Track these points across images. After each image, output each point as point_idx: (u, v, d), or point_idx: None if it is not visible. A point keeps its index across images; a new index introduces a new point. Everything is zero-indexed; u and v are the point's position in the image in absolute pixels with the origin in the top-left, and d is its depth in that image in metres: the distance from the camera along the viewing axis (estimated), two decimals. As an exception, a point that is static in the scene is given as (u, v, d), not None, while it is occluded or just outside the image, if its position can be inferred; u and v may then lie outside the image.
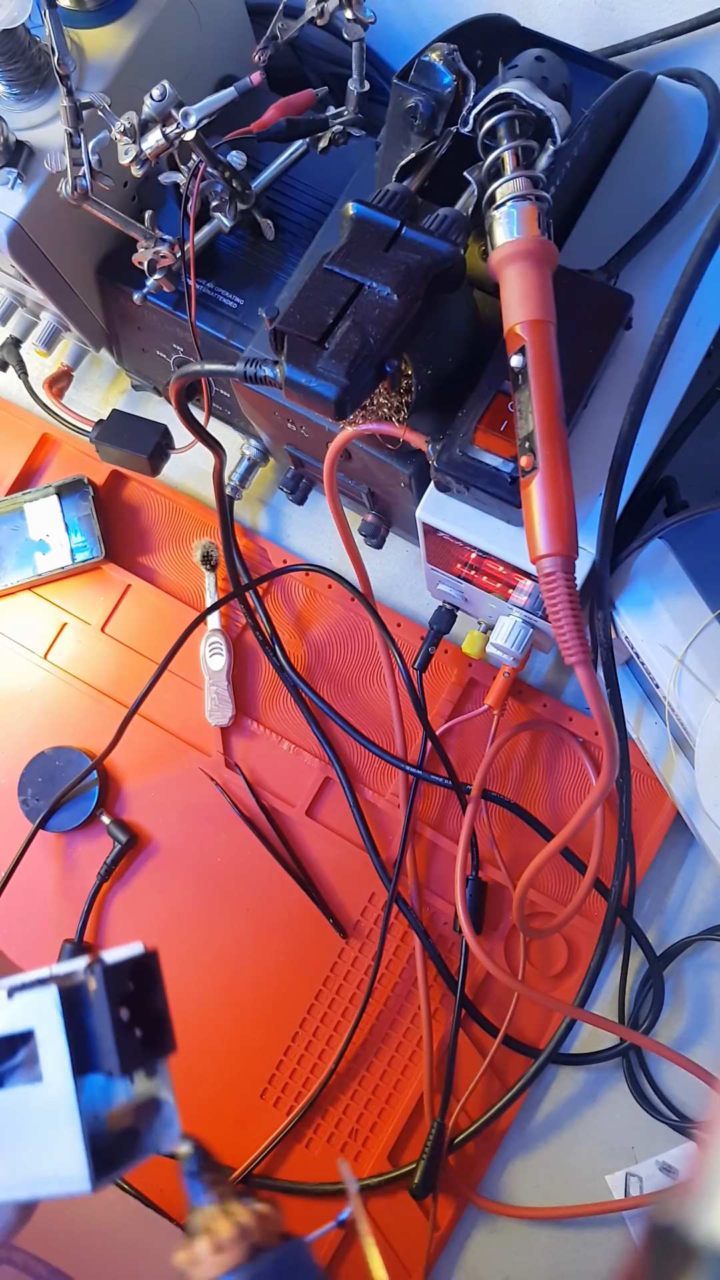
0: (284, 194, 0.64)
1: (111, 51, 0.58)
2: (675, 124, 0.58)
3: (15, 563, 0.76)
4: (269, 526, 0.78)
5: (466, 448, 0.50)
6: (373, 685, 0.73)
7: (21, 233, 0.57)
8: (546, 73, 0.49)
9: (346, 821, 0.71)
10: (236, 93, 0.53)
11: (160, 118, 0.51)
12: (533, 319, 0.45)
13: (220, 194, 0.58)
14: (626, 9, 0.66)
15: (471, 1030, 0.68)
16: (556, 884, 0.69)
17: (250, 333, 0.62)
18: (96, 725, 0.74)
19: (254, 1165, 0.66)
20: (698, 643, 0.56)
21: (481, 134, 0.48)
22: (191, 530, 0.77)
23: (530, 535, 0.45)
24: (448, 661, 0.73)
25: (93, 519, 0.76)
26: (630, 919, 0.68)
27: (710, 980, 0.68)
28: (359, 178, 0.61)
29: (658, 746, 0.65)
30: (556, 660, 0.73)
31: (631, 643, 0.58)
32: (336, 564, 0.74)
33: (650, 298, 0.53)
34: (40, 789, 0.72)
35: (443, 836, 0.71)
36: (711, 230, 0.47)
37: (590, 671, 0.46)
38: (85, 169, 0.52)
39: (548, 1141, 0.67)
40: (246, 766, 0.73)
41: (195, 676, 0.74)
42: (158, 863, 0.72)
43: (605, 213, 0.57)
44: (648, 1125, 0.66)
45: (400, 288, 0.45)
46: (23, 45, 0.55)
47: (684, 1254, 0.25)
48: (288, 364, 0.45)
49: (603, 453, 0.51)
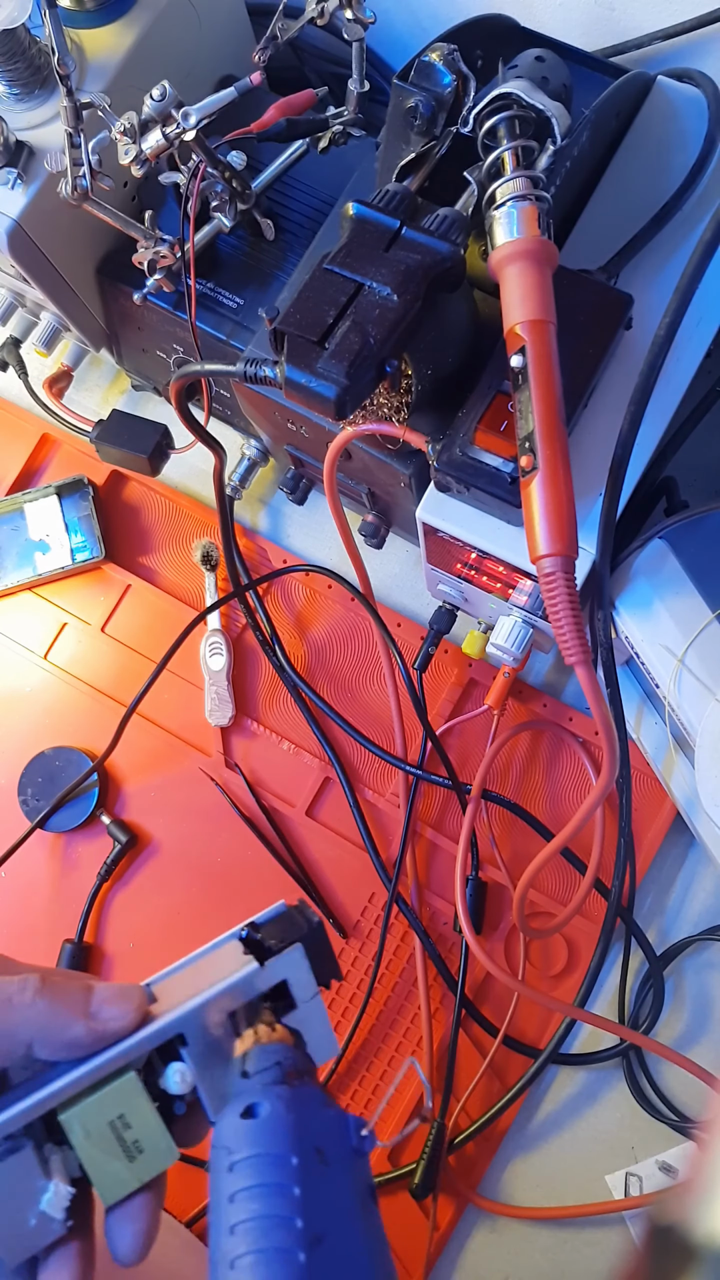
0: (284, 194, 0.64)
1: (111, 51, 0.58)
2: (675, 124, 0.58)
3: (15, 563, 0.76)
4: (269, 526, 0.78)
5: (466, 448, 0.50)
6: (373, 685, 0.73)
7: (21, 233, 0.57)
8: (546, 73, 0.49)
9: (346, 821, 0.71)
10: (236, 93, 0.53)
11: (160, 118, 0.51)
12: (533, 319, 0.45)
13: (220, 194, 0.58)
14: (626, 9, 0.66)
15: (471, 1030, 0.68)
16: (556, 884, 0.69)
17: (250, 333, 0.62)
18: (96, 725, 0.74)
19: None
20: (698, 643, 0.56)
21: (481, 134, 0.48)
22: (191, 530, 0.77)
23: (530, 535, 0.45)
24: (448, 661, 0.73)
25: (93, 519, 0.76)
26: (630, 919, 0.68)
27: (710, 980, 0.68)
28: (359, 178, 0.61)
29: (658, 746, 0.65)
30: (556, 660, 0.73)
31: (631, 643, 0.58)
32: (336, 564, 0.74)
33: (650, 298, 0.53)
34: (40, 789, 0.72)
35: (443, 836, 0.71)
36: (711, 230, 0.47)
37: (590, 671, 0.46)
38: (85, 169, 0.52)
39: (548, 1141, 0.67)
40: (246, 766, 0.73)
41: (195, 676, 0.74)
42: (158, 863, 0.72)
43: (605, 213, 0.57)
44: (648, 1125, 0.66)
45: (400, 288, 0.45)
46: (23, 45, 0.55)
47: (684, 1254, 0.25)
48: (288, 364, 0.45)
49: (603, 453, 0.51)
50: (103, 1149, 0.33)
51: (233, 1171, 0.30)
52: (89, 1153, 0.33)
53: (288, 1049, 0.34)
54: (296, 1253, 0.29)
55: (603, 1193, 0.66)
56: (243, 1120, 0.31)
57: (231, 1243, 0.29)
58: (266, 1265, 0.29)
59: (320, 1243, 0.29)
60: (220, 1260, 0.29)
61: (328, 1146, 0.31)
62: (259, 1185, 0.30)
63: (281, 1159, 0.30)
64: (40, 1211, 0.33)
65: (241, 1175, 0.30)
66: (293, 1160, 0.30)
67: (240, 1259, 0.29)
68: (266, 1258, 0.29)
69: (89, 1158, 0.33)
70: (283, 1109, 0.31)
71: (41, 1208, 0.33)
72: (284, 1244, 0.29)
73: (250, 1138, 0.31)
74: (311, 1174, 0.30)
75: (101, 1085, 0.34)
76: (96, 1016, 0.34)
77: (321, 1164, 0.31)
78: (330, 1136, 0.32)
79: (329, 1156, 0.31)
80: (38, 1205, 0.33)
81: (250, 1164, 0.30)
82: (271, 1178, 0.30)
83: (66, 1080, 0.33)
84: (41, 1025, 0.33)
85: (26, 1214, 0.33)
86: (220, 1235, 0.30)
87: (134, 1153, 0.34)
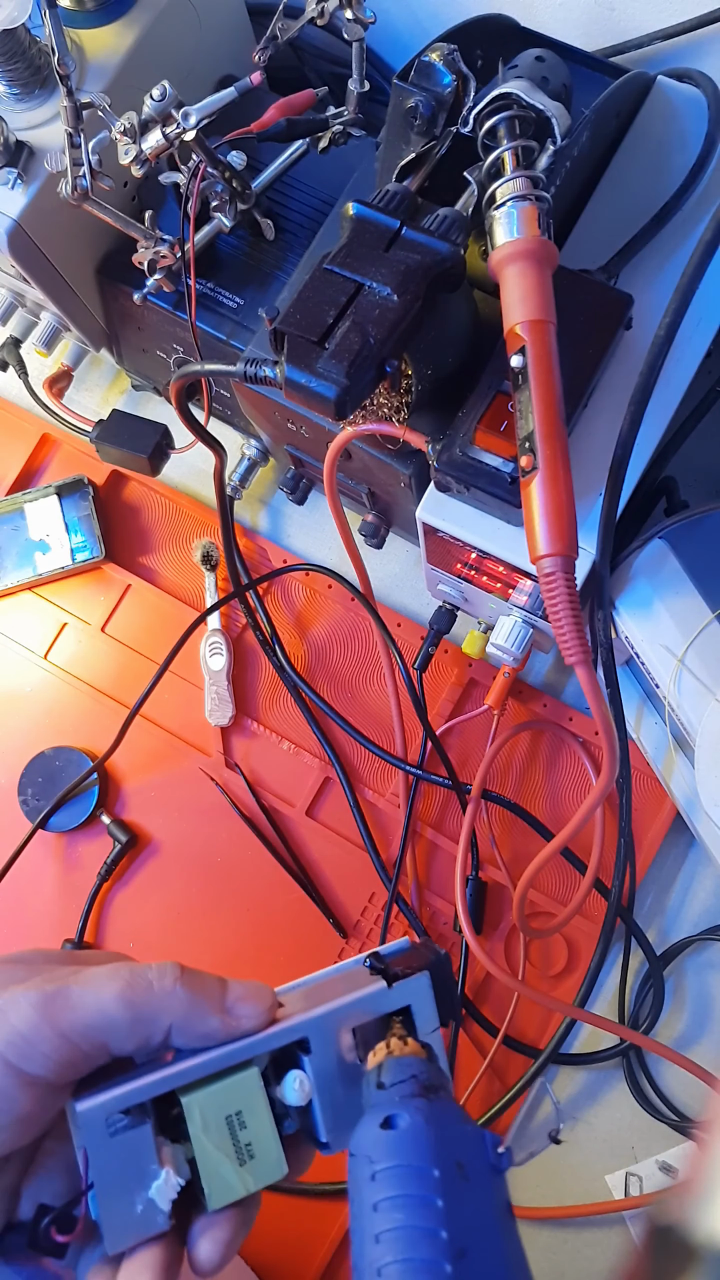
0: (284, 194, 0.64)
1: (111, 51, 0.58)
2: (675, 124, 0.58)
3: (15, 563, 0.76)
4: (269, 526, 0.78)
5: (466, 448, 0.50)
6: (373, 685, 0.73)
7: (22, 233, 0.57)
8: (546, 73, 0.49)
9: (346, 821, 0.71)
10: (236, 93, 0.53)
11: (160, 118, 0.51)
12: (533, 319, 0.45)
13: (220, 194, 0.58)
14: (626, 9, 0.66)
15: (471, 1030, 0.68)
16: (556, 884, 0.69)
17: (250, 333, 0.62)
18: (96, 725, 0.74)
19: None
20: (698, 643, 0.56)
21: (481, 134, 0.48)
22: (191, 530, 0.77)
23: (530, 535, 0.45)
24: (448, 661, 0.73)
25: (93, 519, 0.76)
26: (630, 919, 0.68)
27: (710, 980, 0.68)
28: (359, 178, 0.61)
29: (658, 746, 0.65)
30: (556, 660, 0.73)
31: (631, 643, 0.58)
32: (336, 564, 0.74)
33: (650, 298, 0.53)
34: (40, 789, 0.72)
35: (443, 836, 0.71)
36: (711, 230, 0.47)
37: (590, 671, 0.46)
38: (85, 169, 0.52)
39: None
40: (246, 766, 0.73)
41: (195, 676, 0.74)
42: (158, 862, 0.72)
43: (605, 213, 0.57)
44: (648, 1125, 0.66)
45: (400, 288, 0.45)
46: (23, 45, 0.55)
47: (684, 1254, 0.25)
48: (288, 364, 0.45)
49: (603, 453, 0.51)
50: (216, 1144, 0.34)
51: (375, 1181, 0.31)
52: (203, 1145, 0.34)
53: (423, 1062, 0.34)
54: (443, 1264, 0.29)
55: (603, 1193, 0.66)
56: (382, 1131, 0.32)
57: (378, 1251, 0.30)
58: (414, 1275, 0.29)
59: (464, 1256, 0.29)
60: (366, 1268, 0.30)
61: (467, 1161, 0.31)
62: (402, 1195, 0.30)
63: (423, 1171, 0.30)
64: (148, 1199, 0.33)
65: (384, 1185, 0.30)
66: (434, 1172, 0.30)
67: (387, 1268, 0.29)
68: (414, 1267, 0.29)
69: (202, 1151, 0.34)
70: (422, 1121, 0.32)
71: (150, 1194, 0.33)
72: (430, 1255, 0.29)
73: (391, 1148, 0.31)
74: (453, 1187, 0.30)
75: (225, 1075, 0.34)
76: (232, 1012, 0.35)
77: (462, 1179, 0.31)
78: (469, 1152, 0.32)
79: (469, 1172, 0.31)
80: (147, 1191, 0.33)
81: (392, 1174, 0.31)
82: (414, 1189, 0.30)
83: (194, 1062, 0.34)
84: (180, 1014, 0.34)
85: (135, 1198, 0.33)
86: (365, 1242, 0.30)
87: (245, 1157, 0.34)
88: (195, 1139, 0.33)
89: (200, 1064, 0.34)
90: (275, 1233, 0.66)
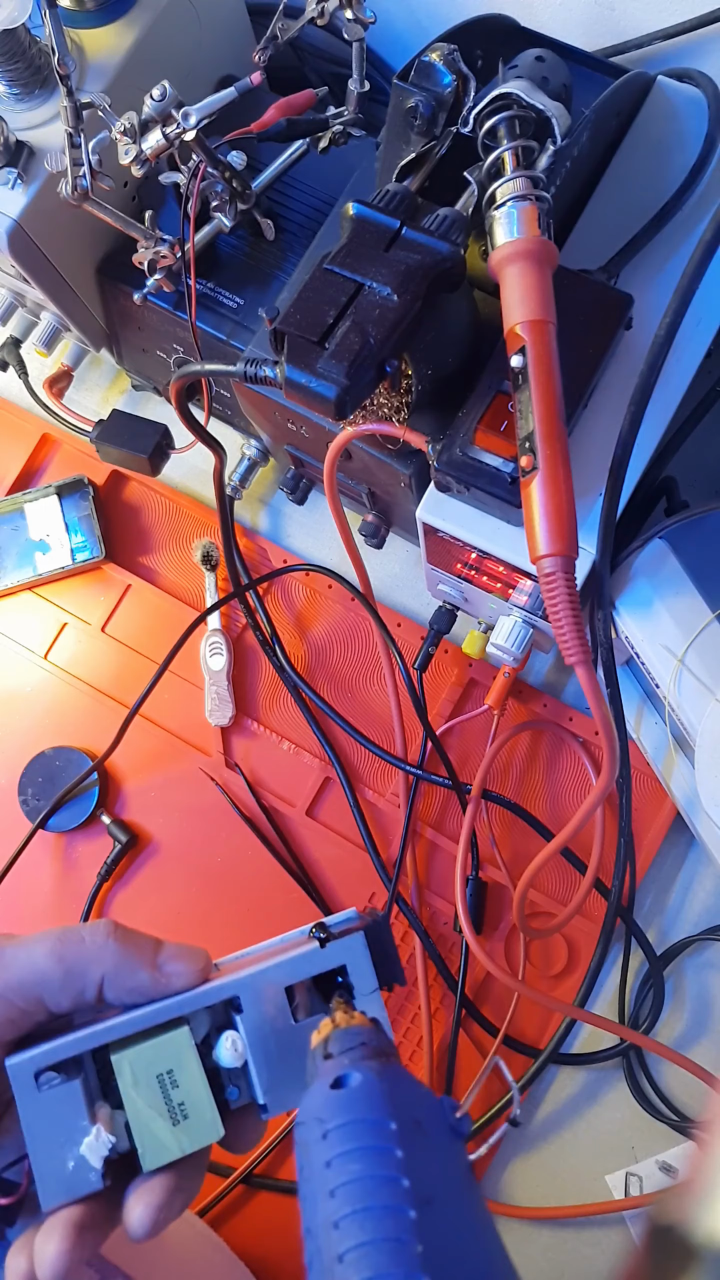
0: (284, 194, 0.64)
1: (111, 51, 0.58)
2: (675, 124, 0.58)
3: (15, 563, 0.76)
4: (269, 526, 0.78)
5: (466, 448, 0.50)
6: (373, 685, 0.73)
7: (22, 233, 0.57)
8: (546, 73, 0.49)
9: (346, 821, 0.71)
10: (236, 93, 0.53)
11: (160, 118, 0.51)
12: (533, 319, 0.45)
13: (220, 194, 0.58)
14: (626, 9, 0.66)
15: (471, 1030, 0.68)
16: (556, 884, 0.69)
17: (250, 333, 0.62)
18: (97, 725, 0.74)
19: (254, 1165, 0.66)
20: (698, 643, 0.56)
21: (481, 134, 0.48)
22: (191, 530, 0.77)
23: (530, 535, 0.45)
24: (448, 661, 0.73)
25: (93, 519, 0.76)
26: (630, 919, 0.68)
27: (710, 980, 0.68)
28: (359, 178, 0.61)
29: (658, 746, 0.65)
30: (556, 660, 0.73)
31: (631, 643, 0.58)
32: (336, 564, 0.74)
33: (650, 298, 0.53)
34: (40, 789, 0.72)
35: (443, 836, 0.71)
36: (711, 230, 0.47)
37: (590, 671, 0.46)
38: (85, 169, 0.52)
39: (548, 1141, 0.67)
40: (246, 766, 0.73)
41: (195, 676, 0.74)
42: (158, 863, 0.72)
43: (605, 213, 0.57)
44: (648, 1125, 0.66)
45: (400, 288, 0.45)
46: (23, 45, 0.55)
47: (684, 1254, 0.25)
48: (288, 364, 0.45)
49: (603, 453, 0.51)
50: (148, 1102, 0.34)
51: (327, 1139, 0.29)
52: (134, 1103, 0.34)
53: (370, 1030, 0.33)
54: (406, 1210, 0.26)
55: (603, 1193, 0.66)
56: (333, 1090, 0.30)
57: (333, 1205, 0.27)
58: (376, 1221, 0.26)
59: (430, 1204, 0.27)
60: (320, 1227, 0.27)
61: (425, 1120, 0.29)
62: (358, 1148, 0.28)
63: (379, 1124, 0.29)
64: (79, 1156, 0.33)
65: (337, 1141, 0.29)
66: (390, 1125, 0.29)
67: (345, 1219, 0.27)
68: (375, 1215, 0.26)
69: (134, 1108, 0.34)
70: (374, 1077, 0.30)
71: (81, 1150, 0.33)
72: (391, 1201, 0.27)
73: (343, 1105, 0.29)
74: (412, 1140, 0.28)
75: (156, 1034, 0.35)
76: (162, 969, 0.36)
77: (421, 1134, 0.29)
78: (427, 1111, 0.30)
79: (427, 1129, 0.29)
80: (77, 1147, 0.33)
81: (345, 1129, 0.29)
82: (371, 1141, 0.28)
83: (122, 1019, 0.35)
84: (110, 966, 0.35)
85: (66, 1154, 0.33)
86: (318, 1202, 0.27)
87: (179, 1116, 0.34)
88: (126, 1096, 0.34)
89: (129, 1020, 0.35)
90: (270, 1230, 0.66)
